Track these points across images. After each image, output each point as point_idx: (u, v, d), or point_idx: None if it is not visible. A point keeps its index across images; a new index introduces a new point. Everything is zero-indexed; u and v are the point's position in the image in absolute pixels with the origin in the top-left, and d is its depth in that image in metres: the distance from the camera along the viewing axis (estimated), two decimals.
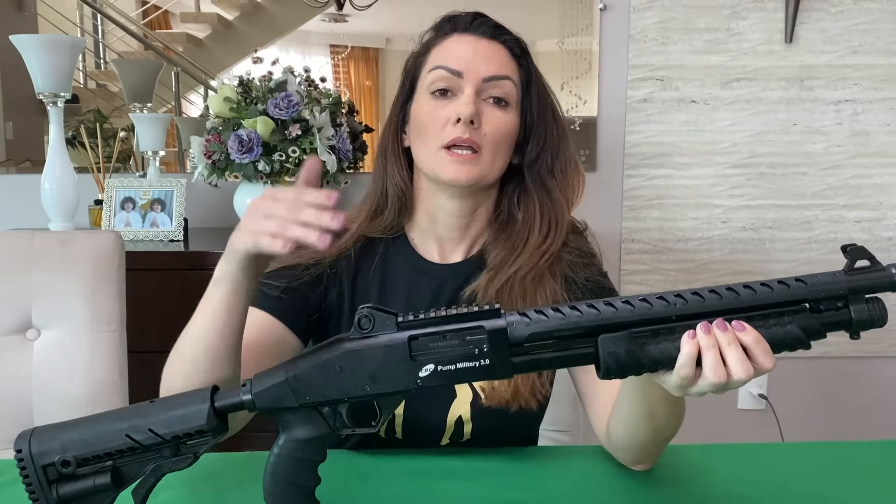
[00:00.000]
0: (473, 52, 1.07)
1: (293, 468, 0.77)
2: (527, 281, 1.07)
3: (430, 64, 1.09)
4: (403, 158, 1.14)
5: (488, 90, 1.06)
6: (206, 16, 2.57)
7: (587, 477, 1.01)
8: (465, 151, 1.04)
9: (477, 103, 1.05)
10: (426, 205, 1.12)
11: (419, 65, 1.11)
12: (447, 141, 1.05)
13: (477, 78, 1.06)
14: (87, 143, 2.32)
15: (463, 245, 1.14)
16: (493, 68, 1.07)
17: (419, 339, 0.73)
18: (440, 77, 1.07)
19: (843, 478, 1.01)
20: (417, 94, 1.10)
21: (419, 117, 1.08)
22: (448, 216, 1.11)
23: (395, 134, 1.14)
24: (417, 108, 1.10)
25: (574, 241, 1.14)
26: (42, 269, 1.47)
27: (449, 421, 1.08)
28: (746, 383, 0.73)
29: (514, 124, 1.09)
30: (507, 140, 1.08)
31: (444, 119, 1.05)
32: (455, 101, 1.06)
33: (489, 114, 1.06)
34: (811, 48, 2.45)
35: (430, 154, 1.07)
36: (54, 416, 1.42)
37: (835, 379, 2.62)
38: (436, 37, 1.12)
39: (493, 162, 1.07)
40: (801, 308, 0.74)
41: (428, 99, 1.08)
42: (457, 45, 1.09)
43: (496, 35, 1.10)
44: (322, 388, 0.75)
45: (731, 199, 2.52)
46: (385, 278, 1.12)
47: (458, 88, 1.06)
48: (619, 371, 0.74)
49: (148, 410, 0.76)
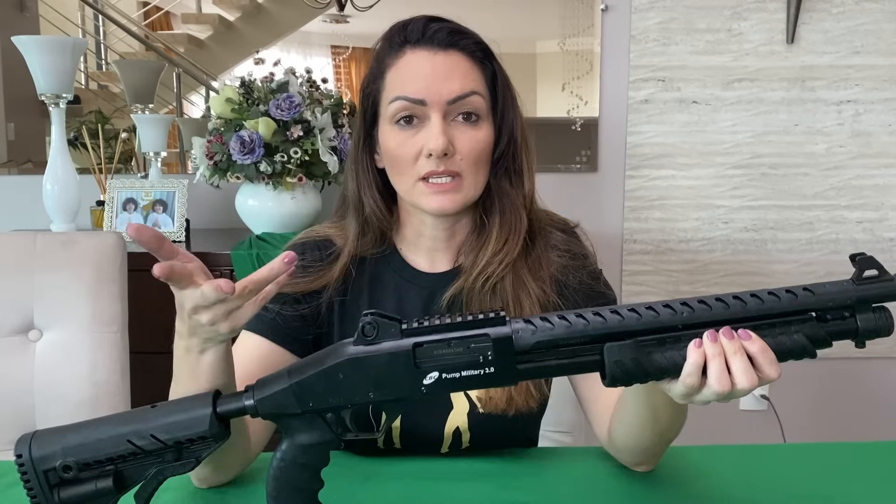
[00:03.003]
0: (432, 71, 1.01)
1: (296, 473, 0.77)
2: (487, 288, 1.05)
3: (388, 92, 1.03)
4: (379, 183, 1.10)
5: (456, 110, 1.01)
6: (207, 17, 2.57)
7: (588, 478, 1.01)
8: (444, 180, 1.01)
9: (446, 130, 1.00)
10: (412, 222, 1.10)
11: (378, 90, 1.05)
12: (422, 174, 1.01)
13: (441, 102, 1.00)
14: (89, 144, 2.33)
15: (450, 253, 1.12)
16: (457, 87, 1.01)
17: (424, 347, 0.73)
18: (402, 108, 1.01)
19: (845, 479, 1.01)
20: (381, 123, 1.05)
21: (389, 149, 1.04)
22: (433, 230, 1.09)
23: (366, 158, 1.09)
24: (384, 137, 1.05)
25: (565, 243, 1.11)
26: (44, 270, 1.47)
27: (446, 432, 1.08)
28: (751, 392, 0.73)
29: (489, 137, 1.05)
30: (485, 154, 1.04)
31: (414, 151, 1.01)
32: (423, 131, 1.01)
33: (461, 136, 1.02)
34: (813, 49, 2.45)
35: (408, 187, 1.03)
36: (56, 416, 1.43)
37: (836, 380, 2.61)
38: (389, 51, 1.05)
39: (475, 182, 1.04)
40: (808, 317, 0.73)
41: (393, 130, 1.03)
42: (413, 66, 1.02)
43: (453, 42, 1.03)
44: (325, 395, 0.75)
45: (732, 199, 2.52)
46: (374, 289, 1.11)
47: (424, 115, 1.01)
48: (624, 379, 0.73)
49: (149, 415, 0.76)
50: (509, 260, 1.06)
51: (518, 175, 1.08)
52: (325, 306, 1.08)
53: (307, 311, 1.07)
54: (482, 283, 1.05)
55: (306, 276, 1.08)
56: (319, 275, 1.08)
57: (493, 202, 1.08)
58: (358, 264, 1.11)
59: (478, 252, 1.07)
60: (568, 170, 2.50)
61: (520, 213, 1.07)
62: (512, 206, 1.07)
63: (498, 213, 1.07)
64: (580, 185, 2.52)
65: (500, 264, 1.05)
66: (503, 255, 1.06)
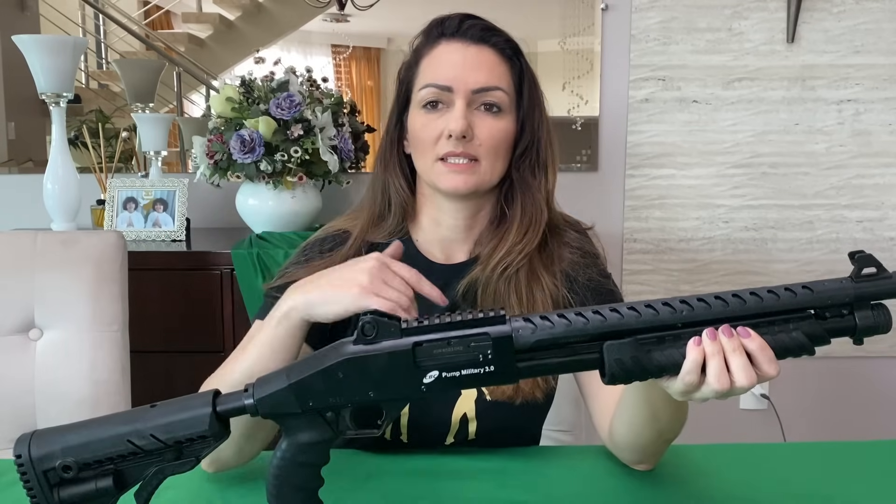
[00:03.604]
0: (462, 61, 1.07)
1: (296, 471, 0.77)
2: (503, 277, 1.08)
3: (420, 79, 1.10)
4: (405, 166, 1.15)
5: (479, 100, 1.07)
6: (207, 16, 2.57)
7: (589, 477, 1.01)
8: (461, 161, 1.06)
9: (468, 116, 1.06)
10: (429, 209, 1.14)
11: (411, 76, 1.12)
12: (441, 154, 1.06)
13: (466, 90, 1.06)
14: (90, 143, 2.33)
15: (466, 245, 1.14)
16: (483, 79, 1.07)
17: (423, 346, 0.73)
18: (430, 94, 1.08)
19: (846, 478, 1.01)
20: (412, 107, 1.11)
21: (414, 130, 1.10)
22: (451, 219, 1.12)
23: (395, 143, 1.15)
24: (412, 120, 1.11)
25: (577, 241, 1.15)
26: (44, 269, 1.47)
27: (454, 419, 1.08)
28: (750, 390, 0.73)
29: (510, 128, 1.10)
30: (505, 144, 1.09)
31: (436, 133, 1.07)
32: (446, 115, 1.06)
33: (482, 123, 1.07)
34: (813, 48, 2.45)
35: (428, 166, 1.09)
36: (56, 415, 1.43)
37: (837, 379, 2.61)
38: (425, 43, 1.12)
39: (492, 169, 1.08)
40: (807, 315, 0.74)
41: (420, 113, 1.09)
42: (445, 56, 1.09)
43: (485, 38, 1.09)
44: (325, 395, 0.75)
45: (732, 198, 2.52)
46: None
47: (449, 101, 1.07)
48: (624, 377, 0.73)
49: (149, 415, 0.76)
50: (528, 250, 1.09)
51: (542, 170, 1.12)
52: None
53: None
54: (500, 272, 1.08)
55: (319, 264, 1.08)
56: (331, 260, 1.10)
57: (514, 194, 1.12)
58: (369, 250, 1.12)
59: (498, 242, 1.11)
60: (568, 169, 2.50)
61: (541, 206, 1.12)
62: (533, 200, 1.11)
63: (520, 204, 1.11)
64: (580, 184, 2.52)
65: (520, 254, 1.09)
66: (523, 246, 1.09)
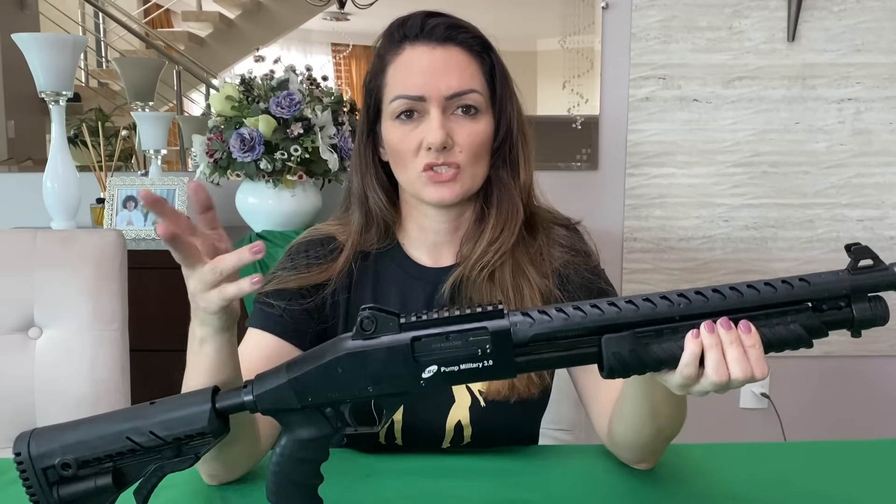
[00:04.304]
0: (430, 66, 1.03)
1: (296, 468, 0.77)
2: (485, 275, 1.07)
3: (390, 90, 1.06)
4: (381, 176, 1.12)
5: (454, 104, 1.04)
6: (207, 14, 2.57)
7: (589, 476, 1.01)
8: (444, 170, 1.03)
9: (445, 124, 1.02)
10: (415, 216, 1.12)
11: (379, 85, 1.08)
12: (422, 166, 1.03)
13: (440, 97, 1.02)
14: (89, 141, 2.33)
15: (453, 248, 1.13)
16: (455, 83, 1.03)
17: (422, 341, 0.73)
18: (402, 105, 1.04)
19: (846, 477, 1.01)
20: (384, 118, 1.07)
21: (391, 143, 1.06)
22: (437, 224, 1.11)
23: (370, 152, 1.11)
24: (387, 132, 1.07)
25: (568, 239, 1.13)
26: (44, 267, 1.47)
27: (448, 426, 1.08)
28: (746, 384, 0.73)
29: (488, 129, 1.07)
30: (484, 147, 1.06)
31: (414, 144, 1.03)
32: (423, 124, 1.03)
33: (460, 128, 1.04)
34: (813, 47, 2.45)
35: (411, 179, 1.06)
36: (56, 414, 1.43)
37: (837, 378, 2.61)
38: (389, 47, 1.07)
39: (474, 174, 1.06)
40: (804, 307, 0.74)
41: (394, 125, 1.05)
42: (412, 62, 1.04)
43: (451, 36, 1.05)
44: (324, 390, 0.75)
45: (733, 197, 2.52)
46: (378, 285, 1.12)
47: (423, 110, 1.03)
48: (622, 371, 0.73)
49: (148, 412, 0.76)
50: (505, 249, 1.08)
51: (514, 166, 1.10)
52: (330, 300, 1.10)
53: (312, 305, 1.08)
54: (479, 271, 1.07)
55: (311, 271, 1.09)
56: (323, 269, 1.10)
57: (492, 192, 1.10)
58: (361, 259, 1.12)
59: (475, 241, 1.09)
60: (568, 168, 2.50)
61: (516, 202, 1.09)
62: (508, 196, 1.09)
63: (496, 202, 1.09)
64: (581, 183, 2.51)
65: (496, 253, 1.07)
66: (499, 245, 1.07)
